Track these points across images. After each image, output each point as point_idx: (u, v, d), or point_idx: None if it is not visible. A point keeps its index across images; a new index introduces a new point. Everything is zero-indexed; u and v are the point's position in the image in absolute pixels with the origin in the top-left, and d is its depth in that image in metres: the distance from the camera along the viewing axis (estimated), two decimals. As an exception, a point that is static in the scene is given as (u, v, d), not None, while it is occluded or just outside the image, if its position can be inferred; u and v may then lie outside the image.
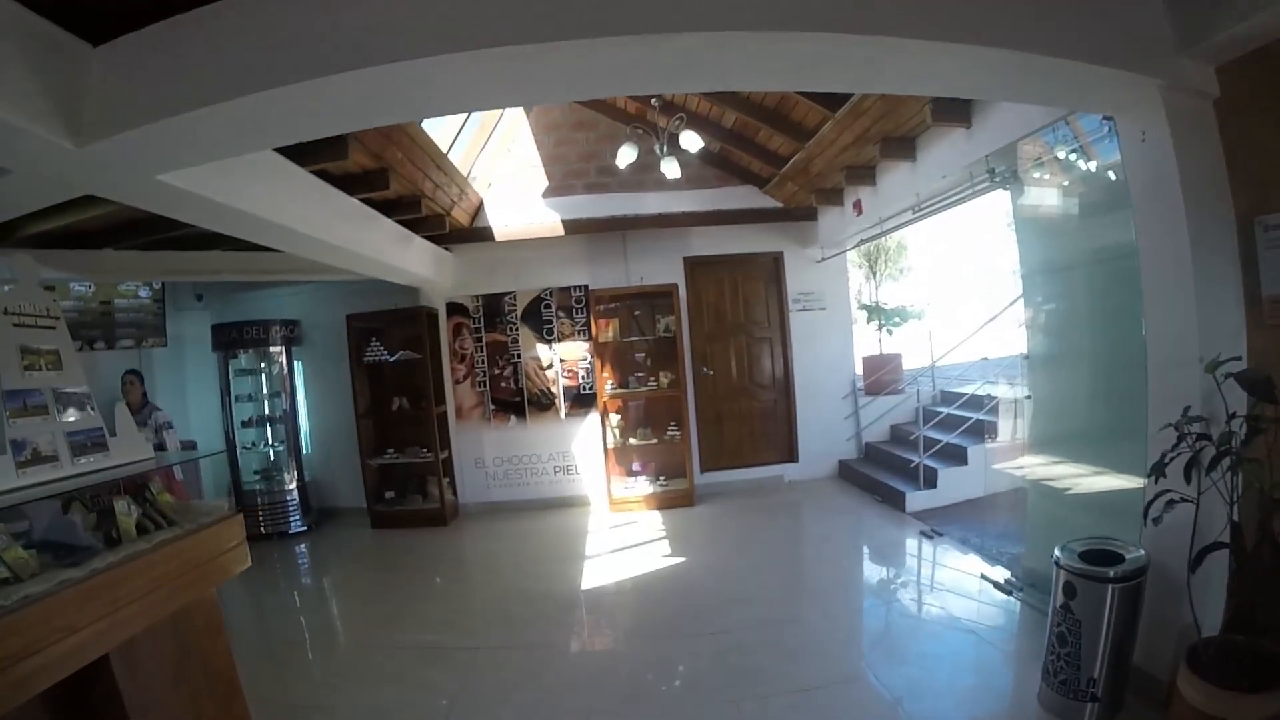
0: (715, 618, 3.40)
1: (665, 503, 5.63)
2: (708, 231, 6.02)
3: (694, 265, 6.13)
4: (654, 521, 5.28)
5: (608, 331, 5.79)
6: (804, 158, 4.80)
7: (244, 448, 6.00)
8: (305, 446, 6.25)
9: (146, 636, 1.91)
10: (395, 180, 4.05)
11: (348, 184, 3.89)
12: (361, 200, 4.11)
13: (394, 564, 4.93)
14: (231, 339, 5.91)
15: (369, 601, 4.21)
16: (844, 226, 5.61)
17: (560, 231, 5.71)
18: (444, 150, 4.63)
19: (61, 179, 2.22)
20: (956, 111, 3.53)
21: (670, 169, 4.52)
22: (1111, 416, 3.02)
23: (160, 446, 4.45)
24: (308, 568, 5.27)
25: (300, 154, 3.23)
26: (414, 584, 4.42)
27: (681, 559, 4.39)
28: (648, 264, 6.02)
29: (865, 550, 4.59)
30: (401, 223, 4.84)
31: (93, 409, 2.11)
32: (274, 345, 5.94)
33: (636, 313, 5.87)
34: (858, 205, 5.19)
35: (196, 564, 2.09)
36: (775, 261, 6.25)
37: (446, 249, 5.91)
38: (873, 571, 4.24)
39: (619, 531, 5.13)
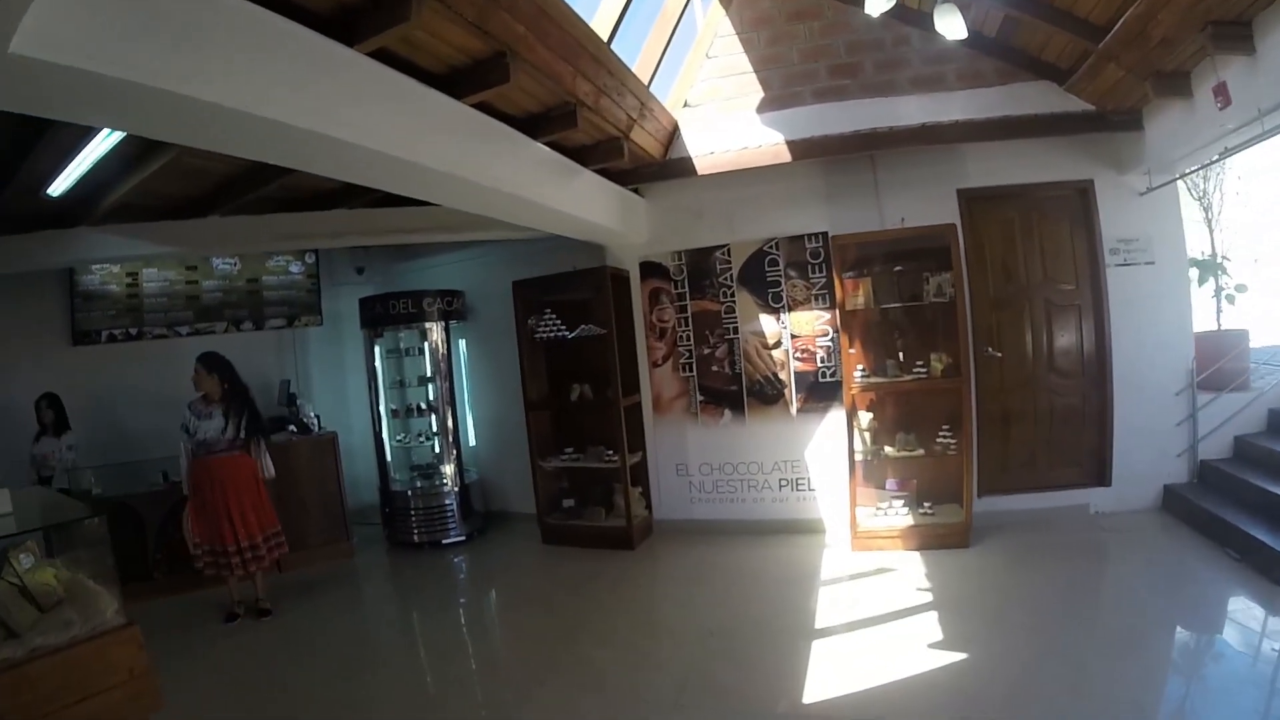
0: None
1: (929, 540, 4.04)
2: (988, 150, 4.25)
3: (972, 201, 4.39)
4: (913, 570, 3.77)
5: (857, 296, 4.23)
6: (1140, 14, 2.96)
7: (395, 440, 5.17)
8: (469, 440, 5.39)
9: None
10: (524, 73, 2.72)
11: (448, 82, 2.70)
12: (474, 106, 2.87)
13: (549, 602, 3.90)
14: (377, 314, 5.12)
15: (481, 668, 3.34)
16: (1191, 132, 3.65)
17: (785, 156, 4.27)
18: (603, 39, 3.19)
19: None
20: None
21: (949, 25, 3.07)
22: None
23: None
24: (443, 595, 4.34)
25: (347, 28, 2.15)
26: (561, 644, 3.30)
27: (960, 655, 2.78)
28: (908, 200, 4.33)
29: (1245, 656, 2.73)
30: (556, 148, 3.57)
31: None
32: (429, 320, 5.06)
33: (897, 268, 4.23)
34: (1221, 90, 3.21)
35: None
36: (1082, 194, 4.36)
37: (634, 191, 4.64)
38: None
39: (864, 586, 3.68)
